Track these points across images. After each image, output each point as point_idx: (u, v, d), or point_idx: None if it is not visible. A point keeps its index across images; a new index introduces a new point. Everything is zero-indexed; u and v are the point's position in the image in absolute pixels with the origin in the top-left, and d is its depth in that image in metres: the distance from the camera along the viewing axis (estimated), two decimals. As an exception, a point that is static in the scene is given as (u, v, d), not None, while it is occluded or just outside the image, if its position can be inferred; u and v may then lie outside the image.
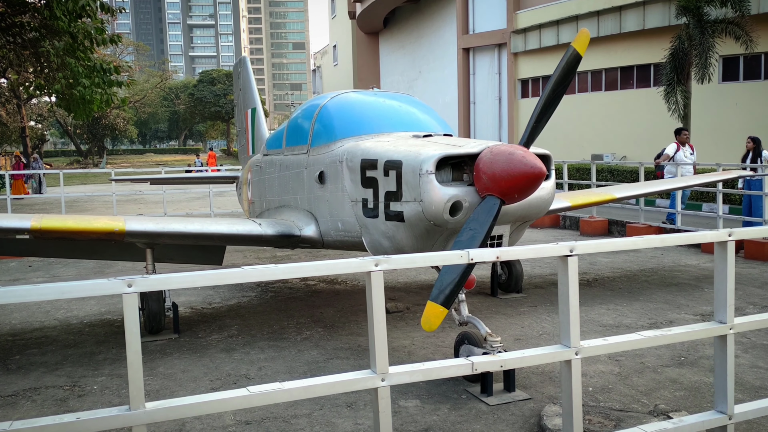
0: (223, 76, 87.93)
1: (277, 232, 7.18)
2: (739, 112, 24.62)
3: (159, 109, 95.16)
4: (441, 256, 2.97)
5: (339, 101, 7.20)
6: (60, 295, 2.59)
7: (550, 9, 31.70)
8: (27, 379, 6.17)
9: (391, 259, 2.78)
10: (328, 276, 10.81)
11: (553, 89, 5.43)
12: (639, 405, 5.29)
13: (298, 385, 2.75)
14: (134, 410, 2.56)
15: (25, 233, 6.29)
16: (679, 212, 13.42)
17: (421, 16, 44.76)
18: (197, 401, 2.67)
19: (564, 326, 3.12)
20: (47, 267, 12.29)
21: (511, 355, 3.09)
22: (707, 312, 8.12)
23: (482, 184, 5.11)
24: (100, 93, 20.77)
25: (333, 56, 65.82)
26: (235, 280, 2.73)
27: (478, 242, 4.94)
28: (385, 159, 5.72)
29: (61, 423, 2.48)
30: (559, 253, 3.05)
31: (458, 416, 5.16)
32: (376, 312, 2.77)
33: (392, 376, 2.85)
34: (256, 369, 6.34)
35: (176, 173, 28.68)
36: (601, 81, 30.67)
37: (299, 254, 13.25)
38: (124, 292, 2.56)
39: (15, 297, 2.50)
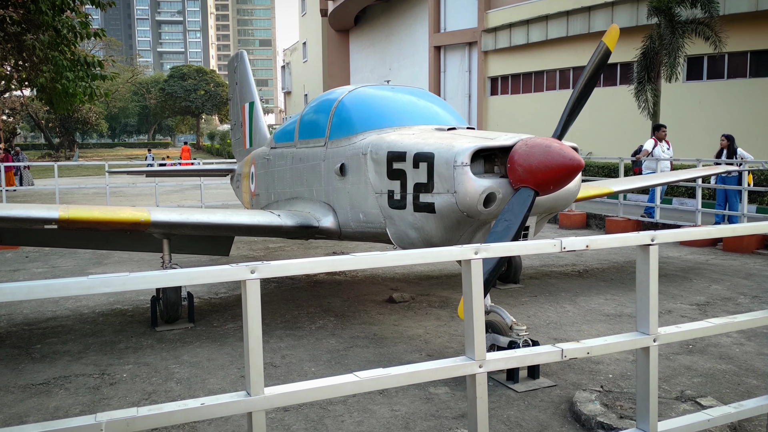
0: (194, 71, 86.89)
1: (296, 223, 7.08)
2: (702, 110, 25.11)
3: (129, 104, 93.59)
4: (536, 244, 2.93)
5: (357, 95, 7.12)
6: (189, 281, 2.55)
7: (520, 9, 31.89)
8: (54, 367, 6.00)
9: (490, 247, 2.74)
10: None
11: (585, 83, 5.44)
12: (662, 391, 5.32)
13: (404, 371, 2.71)
14: (254, 396, 2.50)
15: (52, 223, 6.11)
16: (658, 206, 13.62)
17: (391, 14, 44.66)
18: (312, 387, 2.61)
19: (642, 314, 3.12)
20: (44, 258, 11.96)
21: (595, 342, 3.07)
22: (701, 302, 8.24)
23: (517, 175, 5.08)
24: (83, 86, 20.32)
25: (303, 53, 65.34)
26: (348, 266, 2.67)
27: (512, 233, 4.92)
28: (415, 151, 5.66)
29: (186, 409, 2.41)
30: (640, 242, 3.04)
31: (489, 403, 5.10)
32: (475, 300, 2.72)
33: (489, 363, 2.81)
34: (279, 357, 6.24)
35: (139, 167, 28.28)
36: (569, 79, 30.96)
37: (291, 246, 13.12)
38: (248, 278, 2.50)
39: (147, 282, 2.45)
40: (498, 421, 4.82)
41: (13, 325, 7.51)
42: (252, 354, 2.51)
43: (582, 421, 4.70)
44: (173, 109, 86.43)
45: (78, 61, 20.30)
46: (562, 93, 31.22)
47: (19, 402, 5.20)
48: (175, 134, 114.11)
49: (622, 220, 13.99)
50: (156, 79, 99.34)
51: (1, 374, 5.85)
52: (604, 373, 5.76)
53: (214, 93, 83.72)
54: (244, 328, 2.57)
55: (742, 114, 23.93)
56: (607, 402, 4.92)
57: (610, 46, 5.58)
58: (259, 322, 2.59)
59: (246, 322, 2.54)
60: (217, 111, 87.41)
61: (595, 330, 7.07)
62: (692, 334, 3.39)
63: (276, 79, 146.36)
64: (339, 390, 2.68)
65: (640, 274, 3.15)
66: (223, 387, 5.48)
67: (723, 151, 13.88)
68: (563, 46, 30.18)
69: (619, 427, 4.45)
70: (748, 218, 12.03)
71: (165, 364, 6.09)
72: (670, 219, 13.68)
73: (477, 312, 2.75)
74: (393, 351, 6.36)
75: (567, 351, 2.92)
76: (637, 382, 3.24)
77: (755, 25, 23.46)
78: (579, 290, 8.92)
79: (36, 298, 2.31)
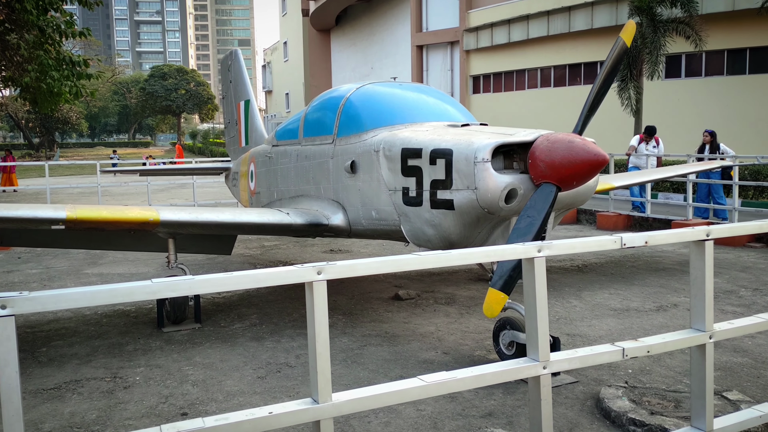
0: (174, 71, 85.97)
1: (306, 221, 6.90)
2: (680, 107, 25.30)
3: (109, 104, 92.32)
4: (597, 241, 2.81)
5: (366, 92, 6.95)
6: (257, 284, 2.39)
7: (501, 8, 31.90)
8: (64, 371, 5.76)
9: (553, 245, 2.60)
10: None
11: (604, 78, 5.33)
12: (683, 386, 5.24)
13: (470, 374, 2.57)
14: (323, 403, 2.33)
15: (60, 223, 5.86)
16: (648, 201, 13.63)
17: (373, 14, 44.46)
18: (379, 392, 2.46)
19: (698, 311, 3.00)
20: (37, 258, 11.62)
21: (653, 340, 2.95)
22: (703, 293, 8.21)
23: (539, 171, 4.96)
24: (69, 85, 19.87)
25: (283, 52, 64.88)
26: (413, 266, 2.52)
27: (535, 228, 4.81)
28: (432, 148, 5.51)
29: (255, 418, 2.24)
30: (696, 237, 2.92)
31: (515, 400, 5.01)
32: (539, 299, 2.58)
33: (553, 364, 2.67)
34: (293, 357, 6.06)
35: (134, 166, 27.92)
36: (549, 77, 31.05)
37: (287, 244, 12.93)
38: (315, 280, 2.34)
39: (214, 285, 2.29)
40: (526, 418, 4.67)
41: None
42: (320, 359, 2.34)
43: (612, 418, 4.59)
44: (154, 108, 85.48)
45: (63, 61, 19.89)
46: (543, 91, 31.33)
47: (32, 408, 4.96)
48: (156, 133, 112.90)
49: (613, 215, 13.98)
50: (136, 78, 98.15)
51: (9, 379, 5.60)
52: (623, 368, 5.66)
53: (195, 92, 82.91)
54: (310, 331, 2.40)
55: (720, 110, 24.17)
56: (634, 398, 4.81)
57: (627, 41, 5.49)
58: (326, 325, 2.43)
59: (313, 325, 2.38)
60: (198, 110, 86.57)
61: (606, 325, 6.98)
62: (745, 330, 3.29)
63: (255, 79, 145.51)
64: (406, 395, 2.53)
65: (694, 270, 3.04)
66: (241, 388, 5.29)
67: (705, 146, 13.94)
68: (544, 45, 30.24)
69: (651, 423, 4.35)
70: (739, 212, 12.06)
71: (177, 366, 5.88)
72: (661, 213, 13.69)
73: (540, 312, 2.61)
74: (408, 349, 6.21)
75: (628, 350, 2.80)
76: (692, 380, 3.13)
77: (731, 24, 23.71)
78: (582, 285, 8.84)
79: (100, 303, 2.15)
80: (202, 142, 74.97)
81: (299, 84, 57.23)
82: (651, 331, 6.75)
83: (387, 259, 2.56)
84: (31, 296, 2.09)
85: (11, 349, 2.08)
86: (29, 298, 2.09)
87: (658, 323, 7.04)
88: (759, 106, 23.78)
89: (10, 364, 2.08)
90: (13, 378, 2.08)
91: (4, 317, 2.05)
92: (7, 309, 2.06)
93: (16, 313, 2.08)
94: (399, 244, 12.25)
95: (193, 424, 2.19)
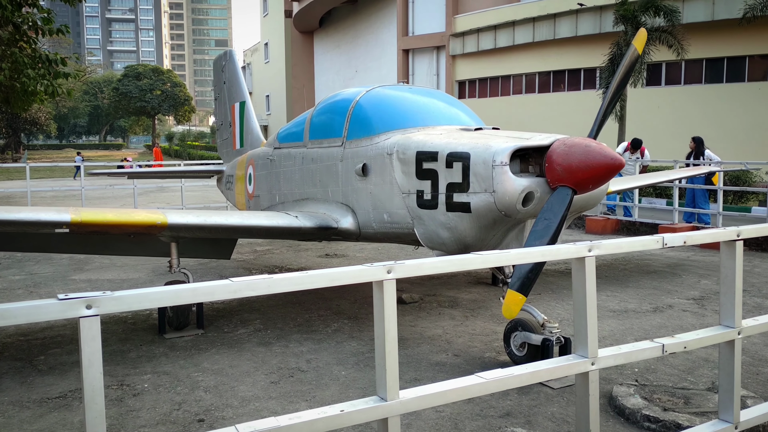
0: (149, 71, 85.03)
1: (315, 225, 7.00)
2: (660, 114, 25.86)
3: (80, 104, 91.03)
4: (641, 241, 2.98)
5: (376, 95, 7.09)
6: (330, 283, 2.51)
7: (487, 14, 32.32)
8: (66, 379, 5.74)
9: (602, 244, 2.77)
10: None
11: (618, 85, 5.53)
12: (689, 383, 5.47)
13: (525, 371, 2.72)
14: (391, 401, 2.44)
15: (64, 227, 5.85)
16: (636, 205, 13.97)
17: (358, 16, 44.68)
18: (443, 389, 2.59)
19: (727, 308, 3.19)
20: (19, 264, 11.50)
21: (688, 336, 3.14)
22: (697, 297, 8.49)
23: (556, 174, 5.14)
24: (45, 84, 19.60)
25: (264, 54, 64.76)
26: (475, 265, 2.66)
27: (552, 231, 4.99)
28: (448, 151, 5.67)
29: (327, 416, 2.35)
30: (728, 237, 3.11)
31: (530, 400, 5.18)
32: (588, 297, 2.74)
33: (601, 360, 2.83)
34: (304, 361, 6.15)
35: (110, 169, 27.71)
36: (534, 83, 31.49)
37: (280, 248, 13.00)
38: (384, 279, 2.45)
39: (291, 284, 2.39)
40: (544, 418, 4.86)
41: (7, 336, 7.14)
42: (389, 357, 2.46)
43: (626, 416, 4.78)
44: (127, 109, 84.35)
45: (39, 59, 19.63)
46: (528, 97, 31.77)
47: (39, 417, 4.92)
48: (129, 135, 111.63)
49: (601, 219, 14.29)
50: (108, 78, 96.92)
51: (11, 388, 5.55)
52: (629, 367, 5.86)
53: (172, 93, 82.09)
54: (378, 330, 2.52)
55: (698, 117, 24.78)
56: (645, 395, 5.01)
57: (639, 48, 5.69)
58: (395, 324, 2.55)
59: (382, 323, 2.50)
60: (174, 112, 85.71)
61: (608, 326, 7.20)
62: (773, 326, 3.49)
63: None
64: (467, 392, 2.66)
65: (724, 269, 3.23)
66: (256, 394, 5.35)
67: (692, 153, 14.35)
68: (529, 52, 30.69)
69: (665, 419, 4.55)
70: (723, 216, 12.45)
71: (186, 372, 5.89)
72: (649, 218, 14.04)
73: (590, 310, 2.77)
74: (419, 352, 6.35)
75: (667, 346, 2.98)
76: (720, 374, 3.32)
77: (710, 34, 24.38)
78: (580, 289, 9.05)
79: (183, 303, 2.26)
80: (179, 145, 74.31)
81: (281, 86, 57.18)
82: (651, 332, 6.99)
83: (452, 258, 2.70)
84: (116, 296, 2.13)
85: (96, 350, 2.11)
86: (114, 297, 2.12)
87: (657, 323, 7.29)
88: (735, 113, 24.45)
89: (95, 364, 2.10)
90: (97, 379, 2.10)
91: (90, 317, 2.07)
92: (93, 309, 2.08)
93: (102, 312, 2.11)
94: (396, 248, 12.40)
95: (267, 423, 2.28)
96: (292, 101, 54.84)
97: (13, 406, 5.15)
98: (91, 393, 2.10)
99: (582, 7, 27.34)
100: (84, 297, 2.05)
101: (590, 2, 26.80)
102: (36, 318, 2.02)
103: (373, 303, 2.60)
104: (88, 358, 2.09)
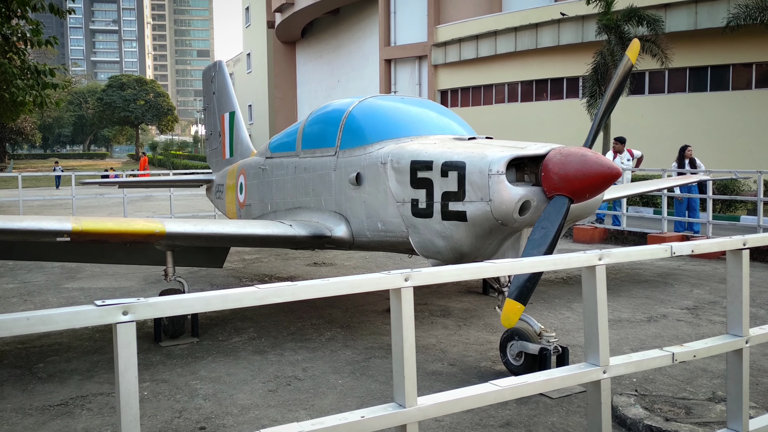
0: (133, 81, 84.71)
1: (309, 233, 6.93)
2: (644, 123, 26.05)
3: (64, 114, 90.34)
4: (650, 250, 2.95)
5: (369, 105, 7.04)
6: (351, 290, 2.47)
7: (469, 24, 32.44)
8: (67, 387, 5.66)
9: (612, 253, 2.73)
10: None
11: (612, 95, 5.52)
12: (688, 393, 5.43)
13: (538, 378, 2.67)
14: (409, 407, 2.39)
15: (65, 235, 5.77)
16: (624, 214, 14.00)
17: (340, 27, 44.73)
18: (459, 396, 2.55)
19: (734, 317, 3.17)
20: (11, 272, 11.32)
21: (696, 345, 3.10)
22: (690, 306, 8.48)
23: (552, 184, 5.11)
24: (33, 95, 19.44)
25: (247, 64, 64.65)
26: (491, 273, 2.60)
27: (549, 239, 4.97)
28: (443, 160, 5.62)
29: (348, 422, 2.30)
30: (734, 246, 3.09)
31: (529, 410, 5.12)
32: (599, 305, 2.69)
33: (612, 368, 2.79)
34: (300, 369, 6.07)
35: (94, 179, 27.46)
36: (516, 93, 31.64)
37: (268, 257, 12.89)
38: (402, 286, 2.41)
39: (319, 291, 2.35)
40: (544, 428, 4.80)
41: (5, 344, 7.05)
42: (407, 364, 2.42)
43: (628, 425, 4.73)
44: (111, 119, 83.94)
45: (28, 69, 19.48)
46: (510, 106, 31.90)
47: (42, 425, 4.87)
48: (113, 145, 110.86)
49: (589, 228, 14.31)
50: (92, 88, 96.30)
51: (12, 396, 5.48)
52: (627, 377, 5.82)
53: (155, 103, 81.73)
54: (396, 337, 2.47)
55: (682, 126, 24.97)
56: (646, 405, 4.97)
57: (632, 58, 5.68)
58: (412, 331, 2.50)
59: (400, 330, 2.45)
60: (157, 121, 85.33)
61: (601, 335, 7.16)
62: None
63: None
64: (484, 399, 2.62)
65: (731, 278, 3.20)
66: (255, 402, 5.28)
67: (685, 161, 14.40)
68: (512, 61, 30.84)
69: (667, 430, 4.51)
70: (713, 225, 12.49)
71: (184, 380, 5.83)
72: (637, 227, 14.07)
73: (601, 318, 2.73)
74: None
75: (677, 355, 2.95)
76: (728, 383, 3.29)
77: (693, 43, 24.59)
78: (570, 297, 9.04)
79: (212, 309, 2.20)
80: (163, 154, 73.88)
81: (263, 96, 57.07)
82: (647, 341, 6.96)
83: (467, 266, 2.66)
84: (150, 302, 2.14)
85: (132, 354, 2.12)
86: (149, 304, 2.13)
87: (652, 333, 7.26)
88: (719, 122, 24.67)
89: (130, 369, 2.11)
90: (132, 383, 2.10)
91: (126, 323, 2.07)
92: (129, 315, 2.10)
93: (138, 318, 2.13)
94: (383, 257, 12.34)
95: (291, 429, 2.23)
96: (275, 111, 54.76)
97: (16, 414, 5.09)
98: (127, 397, 2.12)
99: (564, 17, 27.53)
100: (121, 303, 2.09)
101: (572, 12, 26.99)
102: (75, 324, 2.05)
103: (390, 310, 2.56)
104: (124, 363, 2.12)
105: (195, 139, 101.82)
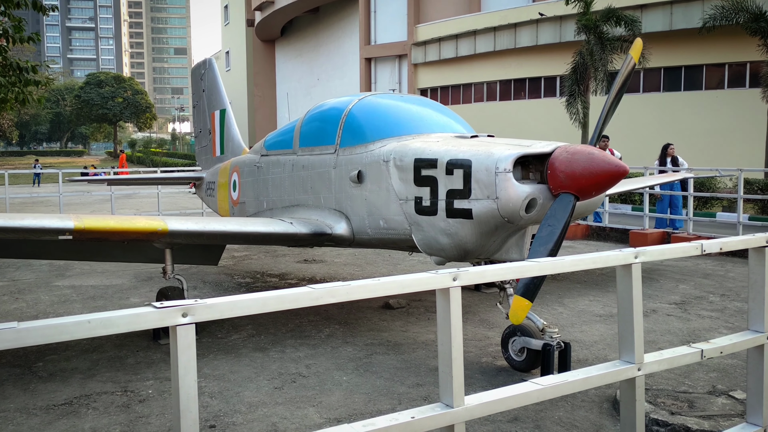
0: (111, 78, 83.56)
1: (310, 231, 6.84)
2: (620, 122, 26.24)
3: (42, 111, 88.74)
4: (681, 248, 2.93)
5: (369, 103, 6.96)
6: (402, 290, 2.43)
7: (449, 24, 32.47)
8: (70, 386, 5.53)
9: (647, 251, 2.70)
10: (311, 276, 10.49)
11: (617, 94, 5.52)
12: (688, 387, 5.45)
13: (577, 377, 2.65)
14: (457, 407, 2.34)
15: (67, 233, 5.62)
16: (606, 211, 14.09)
17: (319, 25, 44.51)
18: (505, 396, 2.50)
19: (756, 313, 3.17)
20: (1, 270, 11.07)
21: (722, 341, 3.10)
22: (678, 301, 8.55)
23: (558, 182, 5.10)
24: (16, 92, 19.02)
25: (226, 62, 64.10)
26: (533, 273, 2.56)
27: (556, 236, 4.95)
28: (448, 158, 5.58)
29: (398, 423, 2.26)
30: (757, 244, 3.09)
31: (535, 405, 5.07)
32: (635, 302, 2.67)
33: (647, 365, 2.77)
34: (304, 367, 6.00)
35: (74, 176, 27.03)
36: (495, 91, 31.74)
37: (258, 254, 12.74)
38: (450, 286, 2.35)
39: (371, 291, 2.32)
40: (551, 422, 4.79)
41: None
42: (455, 364, 2.36)
43: (635, 419, 4.73)
44: (89, 116, 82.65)
45: (10, 66, 19.06)
46: (489, 105, 32.00)
47: (48, 425, 4.75)
48: (90, 142, 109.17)
49: (572, 225, 14.35)
50: (69, 86, 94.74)
51: (14, 395, 5.35)
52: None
53: (133, 100, 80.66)
54: (443, 336, 2.42)
55: (657, 125, 25.26)
56: (649, 399, 4.98)
57: (635, 58, 5.69)
58: (460, 331, 2.46)
59: (449, 330, 2.40)
60: (135, 119, 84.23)
61: (597, 330, 7.19)
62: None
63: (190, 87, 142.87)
64: (527, 398, 2.58)
65: (753, 275, 3.20)
66: (262, 399, 5.20)
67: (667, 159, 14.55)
68: (490, 60, 30.93)
69: (674, 423, 4.52)
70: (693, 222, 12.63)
71: (188, 378, 5.71)
72: (619, 223, 14.18)
73: (636, 316, 2.70)
74: (415, 357, 6.24)
75: (706, 351, 2.95)
76: (749, 378, 3.29)
77: (668, 43, 24.84)
78: (561, 293, 9.07)
79: (270, 310, 2.16)
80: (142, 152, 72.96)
81: (242, 93, 56.63)
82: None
83: (511, 265, 2.62)
84: (209, 303, 2.08)
85: (191, 357, 2.05)
86: (208, 305, 2.07)
87: (645, 328, 7.23)
88: (693, 121, 24.99)
89: (190, 372, 2.04)
90: (192, 387, 2.03)
91: (186, 325, 2.00)
92: (188, 317, 2.03)
93: (197, 320, 2.06)
94: (372, 253, 12.27)
95: (342, 431, 2.18)
96: (254, 109, 54.37)
97: (20, 413, 4.97)
98: (186, 401, 2.05)
99: (542, 17, 27.67)
100: (180, 305, 2.03)
101: (550, 12, 27.13)
102: (136, 326, 2.00)
103: (437, 310, 2.52)
104: (183, 366, 2.06)
105: (173, 137, 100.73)
